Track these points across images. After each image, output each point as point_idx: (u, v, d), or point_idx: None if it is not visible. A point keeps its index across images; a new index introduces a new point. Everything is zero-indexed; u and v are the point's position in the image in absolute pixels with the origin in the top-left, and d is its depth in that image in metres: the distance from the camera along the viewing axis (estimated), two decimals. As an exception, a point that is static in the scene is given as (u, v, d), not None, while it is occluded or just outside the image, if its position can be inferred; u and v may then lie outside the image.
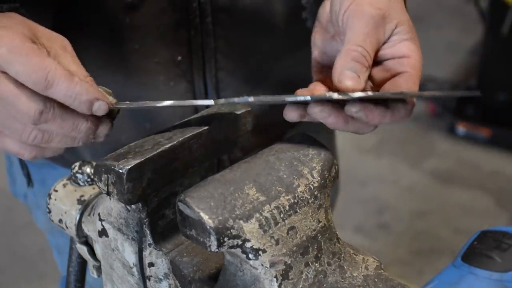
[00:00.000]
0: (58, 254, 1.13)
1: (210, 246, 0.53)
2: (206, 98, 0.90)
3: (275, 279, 0.54)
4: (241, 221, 0.53)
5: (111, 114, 0.62)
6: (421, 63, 0.68)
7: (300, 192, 0.57)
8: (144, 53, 0.86)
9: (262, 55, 0.91)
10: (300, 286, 0.55)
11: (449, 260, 0.67)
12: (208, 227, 0.52)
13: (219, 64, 0.89)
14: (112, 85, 0.89)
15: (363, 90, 0.60)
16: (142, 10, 0.83)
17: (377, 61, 0.66)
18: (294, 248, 0.55)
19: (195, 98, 0.90)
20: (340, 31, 0.66)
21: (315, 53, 0.72)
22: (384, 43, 0.66)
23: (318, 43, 0.72)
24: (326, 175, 0.59)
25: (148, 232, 0.61)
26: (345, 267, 0.58)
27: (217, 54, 0.88)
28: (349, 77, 0.60)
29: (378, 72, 0.66)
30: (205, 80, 0.90)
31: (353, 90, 0.59)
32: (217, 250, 0.53)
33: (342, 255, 0.59)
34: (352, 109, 0.59)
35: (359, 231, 2.37)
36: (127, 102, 0.63)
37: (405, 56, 0.66)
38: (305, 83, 0.81)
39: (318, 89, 0.64)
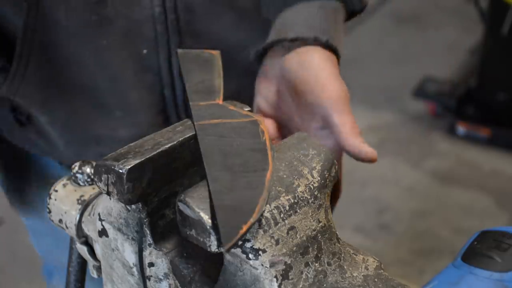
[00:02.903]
0: (33, 236, 1.13)
1: (210, 246, 0.53)
2: (173, 88, 0.93)
3: (275, 279, 0.54)
4: (241, 221, 0.53)
5: None
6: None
7: (300, 192, 0.57)
8: (112, 48, 0.88)
9: (228, 46, 0.93)
10: (300, 286, 0.55)
11: (449, 260, 0.67)
12: (208, 227, 0.52)
13: None
14: (83, 79, 0.91)
15: None
16: (108, 7, 0.85)
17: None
18: (294, 248, 0.55)
19: (162, 89, 0.93)
20: (304, 97, 0.76)
21: (258, 99, 0.81)
22: None
23: (262, 92, 0.81)
24: (326, 175, 0.59)
25: (148, 232, 0.61)
26: (345, 267, 0.58)
27: (181, 46, 0.90)
28: (371, 150, 0.74)
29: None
30: (171, 72, 0.91)
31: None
32: (217, 250, 0.53)
33: (342, 255, 0.59)
34: None
35: (359, 231, 2.37)
36: None
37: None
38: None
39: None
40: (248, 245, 0.53)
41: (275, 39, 0.79)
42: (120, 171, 0.57)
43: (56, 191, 0.74)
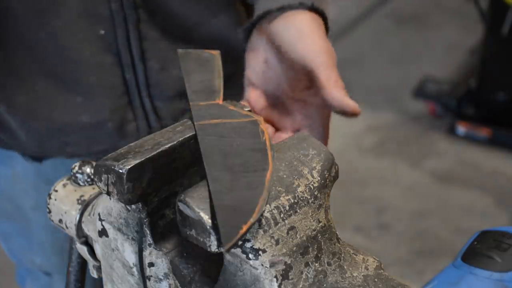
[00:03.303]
0: (3, 241, 1.12)
1: (210, 246, 0.53)
2: (134, 69, 0.92)
3: (275, 279, 0.54)
4: (241, 221, 0.53)
5: None
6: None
7: (300, 192, 0.57)
8: (67, 29, 0.88)
9: (185, 21, 0.93)
10: (300, 286, 0.55)
11: (449, 260, 0.67)
12: (208, 227, 0.52)
13: (143, 34, 0.91)
14: (41, 64, 0.91)
15: None
16: None
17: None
18: (294, 248, 0.55)
19: (122, 70, 0.92)
20: (294, 59, 0.76)
21: (247, 72, 0.82)
22: None
23: (251, 63, 0.81)
24: (326, 175, 0.59)
25: (148, 232, 0.61)
26: (345, 267, 0.58)
27: (140, 24, 0.90)
28: (353, 103, 0.73)
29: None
30: (131, 51, 0.91)
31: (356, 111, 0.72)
32: (217, 250, 0.53)
33: (342, 255, 0.59)
34: None
35: (359, 231, 2.37)
36: None
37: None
38: (230, 46, 0.94)
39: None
40: (248, 245, 0.53)
41: (261, 13, 0.79)
42: (120, 171, 0.57)
43: (56, 191, 0.74)
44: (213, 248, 0.53)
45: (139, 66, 0.92)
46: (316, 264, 0.56)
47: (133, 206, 0.61)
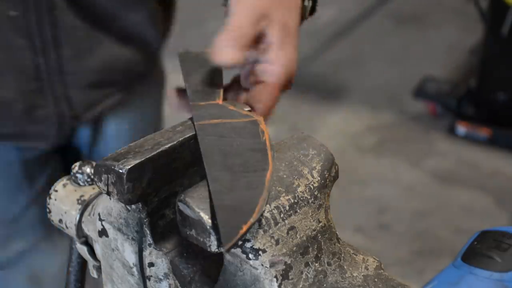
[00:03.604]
0: None
1: (210, 246, 0.53)
2: (45, 55, 0.92)
3: (275, 279, 0.54)
4: (241, 221, 0.53)
5: None
6: (284, 71, 0.68)
7: (300, 192, 0.57)
8: None
9: (103, 12, 0.93)
10: (300, 286, 0.55)
11: (450, 260, 0.67)
12: (208, 227, 0.52)
13: (58, 20, 0.91)
14: None
15: None
16: None
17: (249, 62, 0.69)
18: (294, 248, 0.55)
19: (35, 55, 0.92)
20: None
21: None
22: (259, 42, 0.68)
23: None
24: (326, 175, 0.59)
25: (148, 232, 0.61)
26: (345, 267, 0.58)
27: (54, 10, 0.89)
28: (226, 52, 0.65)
29: (248, 76, 0.69)
30: (43, 36, 0.90)
31: (230, 63, 0.65)
32: (217, 250, 0.53)
33: (342, 255, 0.59)
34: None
35: (359, 231, 2.37)
36: None
37: (269, 63, 0.68)
38: (146, 42, 0.96)
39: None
40: (248, 245, 0.53)
41: None
42: (120, 171, 0.57)
43: (56, 191, 0.74)
44: (213, 248, 0.53)
45: (52, 52, 0.91)
46: (316, 264, 0.56)
47: (133, 206, 0.61)
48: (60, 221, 0.74)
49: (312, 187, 0.58)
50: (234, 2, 0.68)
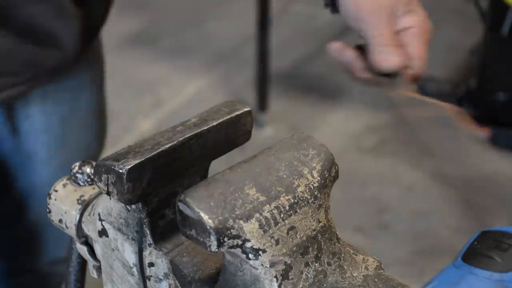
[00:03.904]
0: None
1: (210, 246, 0.53)
2: None
3: (275, 279, 0.54)
4: (241, 221, 0.53)
5: None
6: (425, 26, 0.90)
7: (300, 192, 0.57)
8: None
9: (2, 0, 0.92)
10: (300, 286, 0.55)
11: (450, 260, 0.67)
12: (208, 227, 0.52)
13: None
14: None
15: None
16: None
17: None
18: (294, 248, 0.55)
19: None
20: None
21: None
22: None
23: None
24: (326, 175, 0.59)
25: (148, 232, 0.61)
26: (345, 267, 0.58)
27: None
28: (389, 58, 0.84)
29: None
30: None
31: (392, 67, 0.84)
32: (217, 250, 0.53)
33: (342, 255, 0.59)
34: None
35: (359, 231, 2.37)
36: None
37: (409, 28, 0.88)
38: (51, 33, 0.95)
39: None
40: (248, 245, 0.53)
41: None
42: (120, 171, 0.57)
43: (56, 191, 0.74)
44: (213, 248, 0.53)
45: None
46: (316, 264, 0.56)
47: (133, 206, 0.61)
48: (60, 221, 0.74)
49: (312, 187, 0.58)
50: (358, 14, 0.87)
